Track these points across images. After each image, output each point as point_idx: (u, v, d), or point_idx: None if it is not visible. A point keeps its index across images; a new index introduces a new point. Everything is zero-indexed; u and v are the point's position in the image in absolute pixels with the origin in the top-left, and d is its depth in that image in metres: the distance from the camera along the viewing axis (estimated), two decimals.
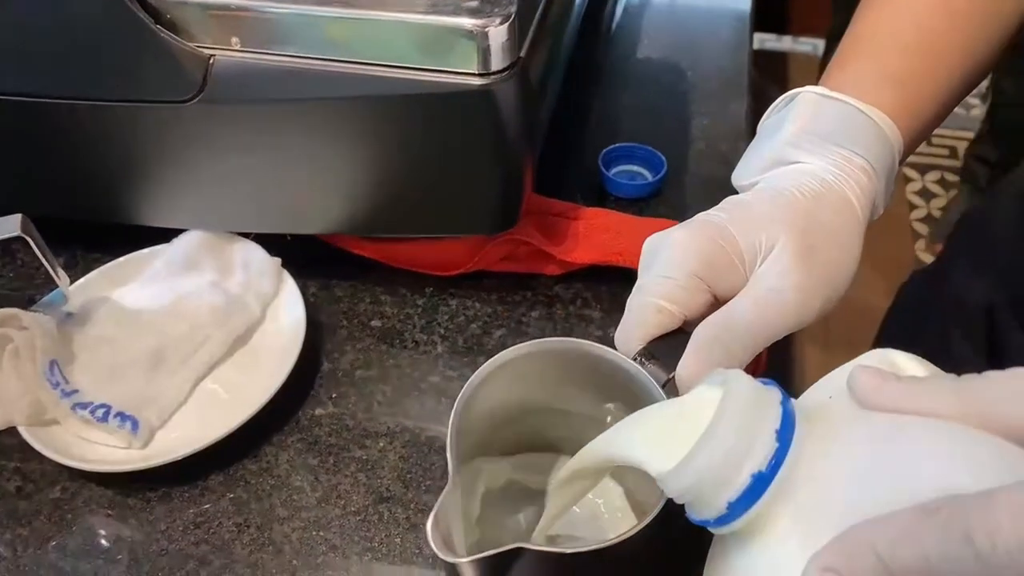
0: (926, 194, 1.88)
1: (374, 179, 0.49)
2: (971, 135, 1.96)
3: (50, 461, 0.46)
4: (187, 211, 0.54)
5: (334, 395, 0.50)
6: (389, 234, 0.54)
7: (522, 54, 0.44)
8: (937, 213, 1.83)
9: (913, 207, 1.85)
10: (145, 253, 0.55)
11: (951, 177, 1.90)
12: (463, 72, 0.43)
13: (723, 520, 0.26)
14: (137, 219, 0.54)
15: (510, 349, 0.36)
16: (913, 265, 1.70)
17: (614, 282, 0.56)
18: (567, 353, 0.37)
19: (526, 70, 0.45)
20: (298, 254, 0.55)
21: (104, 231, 0.56)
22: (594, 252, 0.55)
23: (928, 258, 1.71)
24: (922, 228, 1.80)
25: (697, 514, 0.26)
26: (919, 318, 0.60)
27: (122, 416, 0.46)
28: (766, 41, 2.28)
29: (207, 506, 0.46)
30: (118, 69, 0.46)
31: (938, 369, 0.27)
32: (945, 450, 0.21)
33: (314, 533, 0.44)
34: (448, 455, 0.33)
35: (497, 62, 0.43)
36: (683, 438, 0.26)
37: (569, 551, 0.30)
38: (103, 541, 0.44)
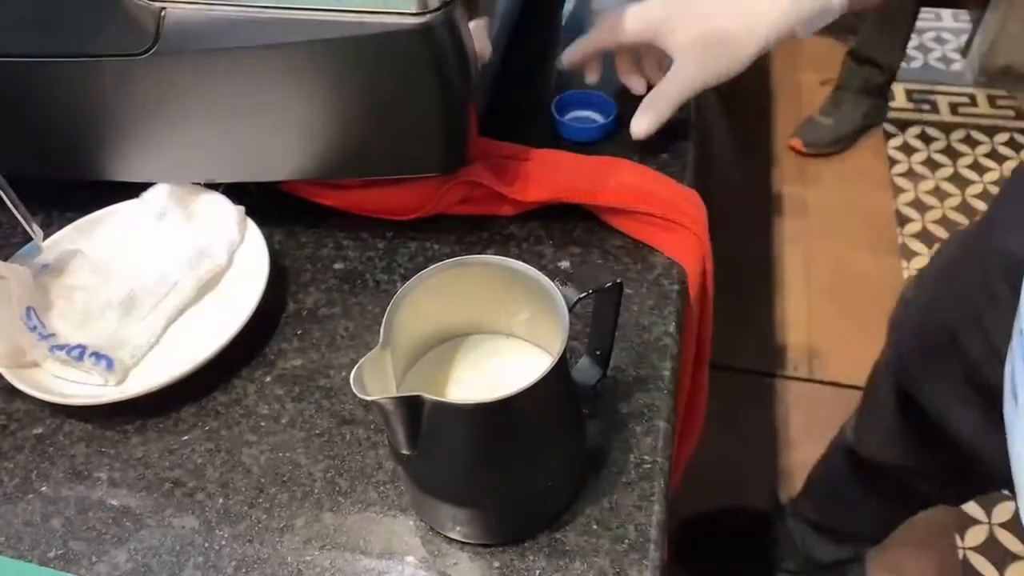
0: (907, 149, 1.89)
1: (326, 123, 0.51)
2: (955, 90, 1.99)
3: (32, 401, 0.49)
4: (152, 164, 0.56)
5: (299, 332, 0.53)
6: (345, 177, 0.56)
7: None
8: (919, 168, 1.85)
9: (894, 162, 1.87)
10: (116, 208, 0.57)
11: (934, 132, 1.92)
12: (402, 12, 0.45)
13: None
14: (103, 174, 0.56)
15: (437, 264, 0.40)
16: (894, 219, 1.73)
17: (566, 220, 0.58)
18: (489, 269, 0.40)
19: (465, 8, 0.47)
20: (263, 206, 0.58)
21: (77, 191, 0.58)
22: (545, 191, 0.58)
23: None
24: (904, 183, 1.82)
25: None
26: (962, 264, 0.63)
27: (97, 355, 0.49)
28: None
29: (184, 437, 0.48)
30: (72, 24, 0.48)
31: None
32: None
33: (281, 454, 0.47)
34: (382, 329, 0.36)
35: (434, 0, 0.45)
36: None
37: (459, 403, 0.34)
38: (84, 469, 0.47)
